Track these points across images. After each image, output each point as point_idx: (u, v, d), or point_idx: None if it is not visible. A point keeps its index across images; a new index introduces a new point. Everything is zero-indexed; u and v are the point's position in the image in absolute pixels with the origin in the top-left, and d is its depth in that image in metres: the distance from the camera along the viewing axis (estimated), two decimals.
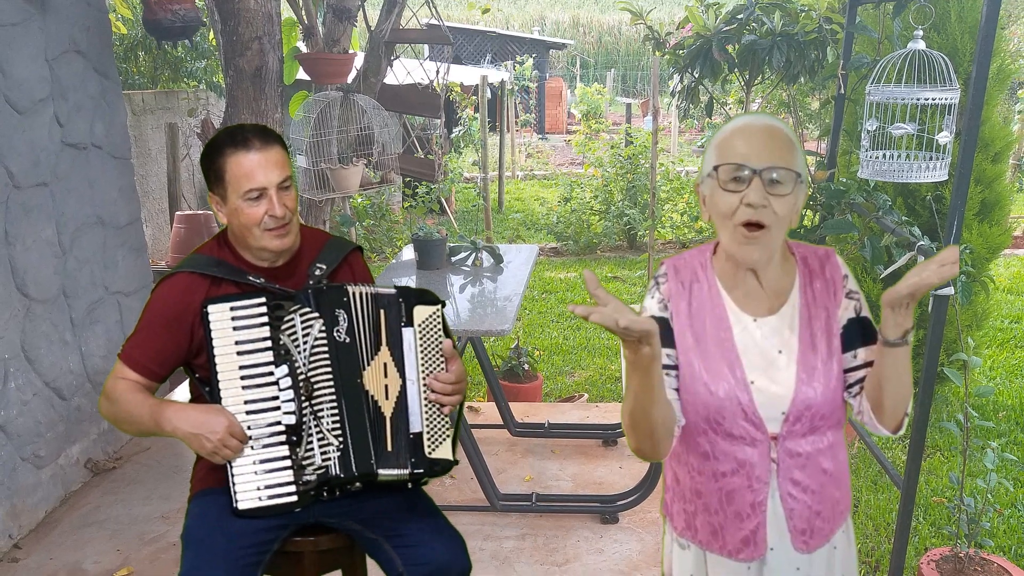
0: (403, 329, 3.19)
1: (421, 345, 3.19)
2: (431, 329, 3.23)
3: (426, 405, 3.18)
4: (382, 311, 3.19)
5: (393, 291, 3.21)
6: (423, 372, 3.19)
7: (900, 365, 2.40)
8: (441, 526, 3.22)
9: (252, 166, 3.04)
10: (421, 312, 3.21)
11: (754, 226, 2.38)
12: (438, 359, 3.23)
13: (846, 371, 2.56)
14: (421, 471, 3.14)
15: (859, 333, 2.56)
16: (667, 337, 2.57)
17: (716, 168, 2.42)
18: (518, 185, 19.23)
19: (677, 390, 2.57)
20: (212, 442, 2.97)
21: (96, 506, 5.41)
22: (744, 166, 2.37)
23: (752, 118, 2.49)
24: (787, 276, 2.57)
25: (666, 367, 2.56)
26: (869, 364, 2.54)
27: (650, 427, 2.40)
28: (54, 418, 5.38)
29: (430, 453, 3.15)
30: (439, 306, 3.27)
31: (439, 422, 3.20)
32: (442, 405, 3.20)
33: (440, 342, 3.25)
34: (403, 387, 3.17)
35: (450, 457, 3.21)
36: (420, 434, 3.15)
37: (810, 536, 2.57)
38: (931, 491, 5.67)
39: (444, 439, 3.21)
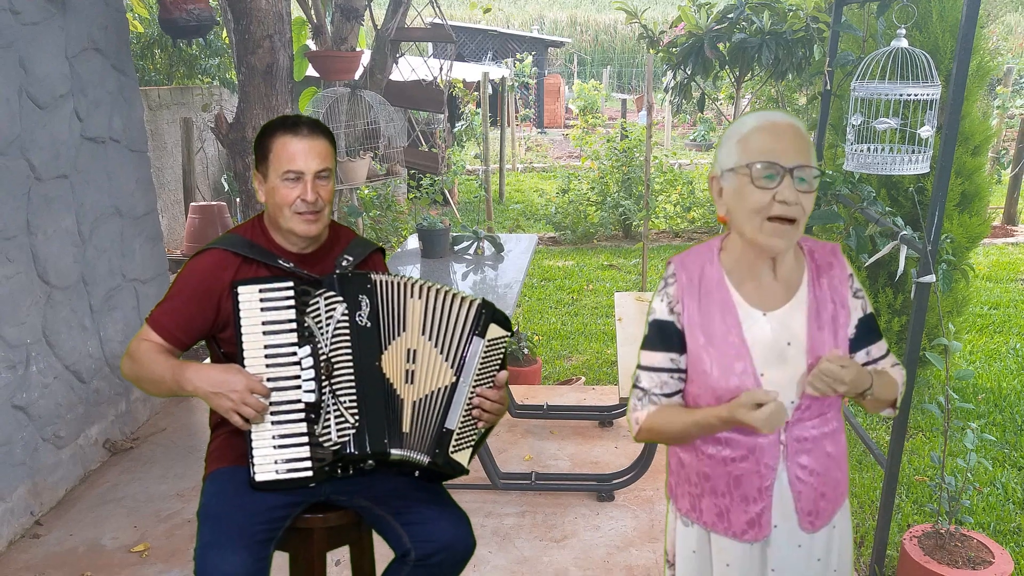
0: (475, 336, 3.19)
1: (483, 358, 3.19)
2: (495, 348, 3.23)
3: (465, 410, 3.18)
4: (422, 301, 3.17)
5: (479, 300, 3.22)
6: (475, 381, 3.19)
7: (875, 399, 2.55)
8: (448, 505, 3.23)
9: (295, 150, 3.09)
10: (494, 330, 3.21)
11: (785, 220, 2.39)
12: (490, 377, 3.22)
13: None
14: (436, 463, 3.14)
15: (868, 331, 2.62)
16: (670, 341, 2.61)
17: (749, 166, 2.41)
18: (518, 177, 19.22)
19: (681, 392, 2.62)
20: (232, 400, 2.96)
21: (114, 484, 5.42)
22: (777, 164, 2.37)
23: (773, 115, 2.49)
24: (797, 269, 2.58)
25: (672, 370, 2.61)
26: (880, 358, 2.65)
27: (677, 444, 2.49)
28: (74, 400, 5.39)
29: (452, 452, 3.16)
30: (509, 334, 3.28)
31: (470, 430, 3.20)
32: (479, 419, 3.21)
33: (498, 364, 3.24)
34: (455, 385, 3.16)
35: (465, 464, 3.21)
36: (451, 432, 3.15)
37: (815, 517, 2.59)
38: (913, 470, 5.67)
39: (467, 446, 3.20)
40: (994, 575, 4.09)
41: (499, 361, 3.25)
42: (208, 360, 3.37)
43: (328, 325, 3.08)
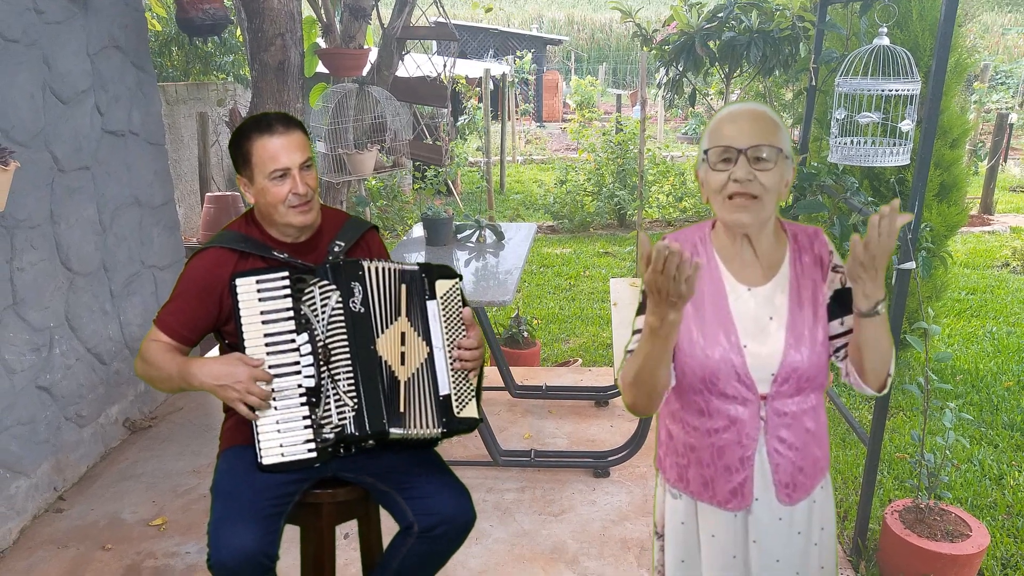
0: (427, 302, 3.20)
1: (444, 315, 3.21)
2: (452, 300, 3.24)
3: (452, 369, 3.19)
4: (404, 285, 3.20)
5: (416, 267, 3.23)
6: (447, 339, 3.20)
7: (877, 333, 2.42)
8: (448, 480, 3.22)
9: (276, 149, 3.07)
10: (442, 285, 3.23)
11: (743, 196, 2.40)
12: (460, 327, 3.25)
13: (834, 337, 2.58)
14: (449, 431, 3.15)
15: (844, 303, 2.56)
16: None
17: (707, 152, 2.45)
18: (518, 169, 19.18)
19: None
20: (238, 391, 2.98)
21: (133, 461, 5.42)
22: (731, 147, 2.40)
23: (737, 105, 2.51)
24: (779, 250, 2.58)
25: None
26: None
27: (652, 386, 2.44)
28: (95, 381, 5.39)
29: (458, 413, 3.16)
30: (457, 279, 3.30)
31: (464, 384, 3.21)
32: (467, 369, 3.22)
33: (460, 312, 3.27)
34: (430, 354, 3.18)
35: (476, 415, 3.22)
36: (448, 396, 3.16)
37: (793, 489, 2.58)
38: (895, 448, 5.67)
39: (470, 399, 3.22)
40: (971, 547, 4.10)
41: (459, 309, 3.28)
42: (217, 349, 3.38)
43: (324, 312, 3.08)
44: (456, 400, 3.18)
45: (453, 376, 3.19)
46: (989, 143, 14.34)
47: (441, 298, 3.22)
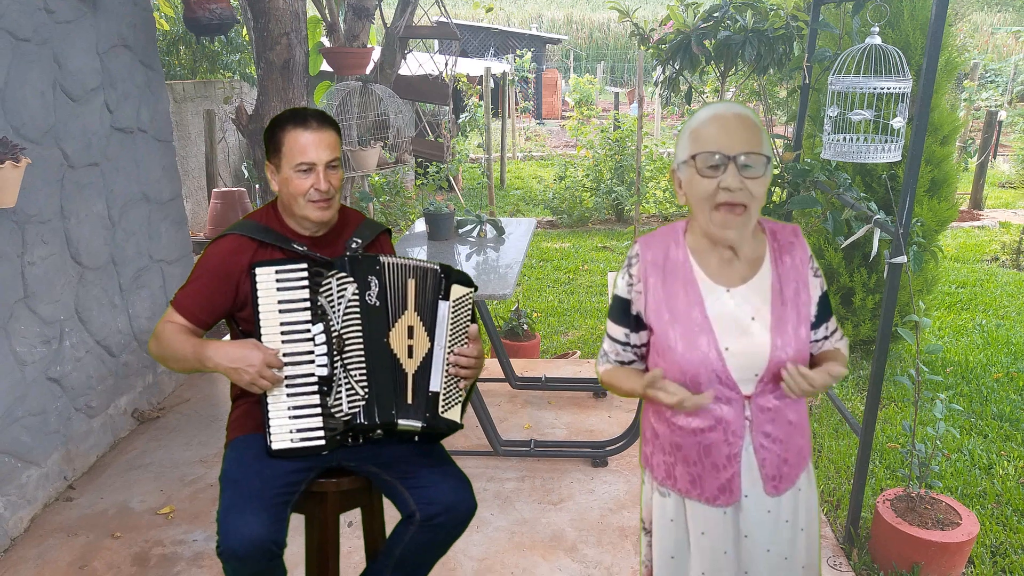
0: (440, 301, 3.19)
1: (452, 318, 3.20)
2: (462, 307, 3.23)
3: (446, 371, 3.18)
4: (413, 280, 3.19)
5: (437, 267, 3.22)
6: (449, 342, 3.19)
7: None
8: (450, 470, 3.22)
9: (307, 143, 3.08)
10: (457, 290, 3.22)
11: (735, 206, 2.37)
12: (463, 335, 3.23)
13: (816, 341, 2.62)
14: (430, 426, 3.15)
15: (826, 308, 2.61)
16: (626, 317, 2.65)
17: (694, 157, 2.40)
18: (518, 165, 19.17)
19: (633, 363, 2.71)
20: (250, 373, 2.98)
21: (142, 451, 5.42)
22: (719, 153, 2.34)
23: (722, 107, 2.45)
24: (758, 248, 2.55)
25: (625, 344, 2.67)
26: (835, 331, 2.66)
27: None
28: (104, 373, 5.39)
29: (442, 412, 3.16)
30: (472, 289, 3.29)
31: (454, 388, 3.21)
32: (460, 376, 3.22)
33: (468, 320, 3.26)
34: (430, 350, 3.17)
35: (458, 420, 3.21)
36: (437, 394, 3.15)
37: (779, 481, 2.58)
38: (886, 438, 5.67)
39: (456, 403, 3.21)
40: (961, 535, 4.10)
41: (468, 318, 3.27)
42: (228, 337, 3.38)
43: (340, 304, 3.08)
44: (443, 400, 3.17)
45: (446, 377, 3.19)
46: (979, 140, 14.36)
47: (453, 302, 3.21)
